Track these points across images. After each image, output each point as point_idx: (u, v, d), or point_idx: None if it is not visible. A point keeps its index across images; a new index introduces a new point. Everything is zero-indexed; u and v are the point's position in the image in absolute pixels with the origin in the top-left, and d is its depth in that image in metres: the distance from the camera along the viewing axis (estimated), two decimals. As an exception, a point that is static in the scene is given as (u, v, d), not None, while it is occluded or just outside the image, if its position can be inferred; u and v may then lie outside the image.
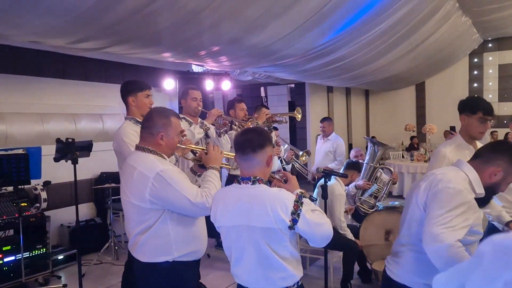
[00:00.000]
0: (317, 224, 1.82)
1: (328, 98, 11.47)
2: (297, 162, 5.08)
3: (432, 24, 7.22)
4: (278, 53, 5.75)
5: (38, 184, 4.30)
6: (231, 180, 2.66)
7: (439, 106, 12.69)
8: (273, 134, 4.33)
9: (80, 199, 5.51)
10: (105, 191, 5.30)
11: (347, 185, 4.55)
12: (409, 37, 7.14)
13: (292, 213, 1.78)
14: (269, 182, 2.00)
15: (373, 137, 12.27)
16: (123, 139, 2.88)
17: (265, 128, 3.98)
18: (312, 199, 1.93)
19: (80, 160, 3.70)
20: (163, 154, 2.22)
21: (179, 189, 2.08)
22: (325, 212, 2.95)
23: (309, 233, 1.82)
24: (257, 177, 1.88)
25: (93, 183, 5.71)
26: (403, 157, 9.55)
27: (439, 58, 10.16)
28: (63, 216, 5.25)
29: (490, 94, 12.10)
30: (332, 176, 4.48)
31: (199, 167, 2.50)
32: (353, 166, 4.47)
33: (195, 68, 6.85)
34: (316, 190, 4.45)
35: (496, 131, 10.17)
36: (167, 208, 2.12)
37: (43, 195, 4.23)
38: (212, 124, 3.73)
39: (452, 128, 5.38)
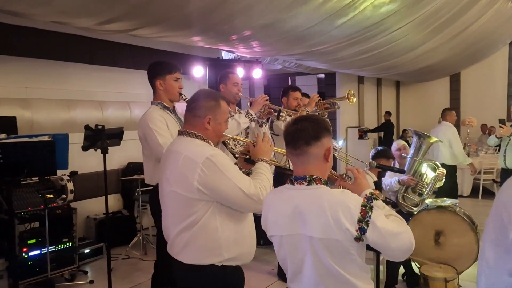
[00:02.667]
0: (392, 234, 1.48)
1: (358, 89, 11.04)
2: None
3: (478, 9, 6.73)
4: (313, 39, 5.44)
5: (64, 175, 4.10)
6: (280, 176, 2.31)
7: (475, 98, 12.10)
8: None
9: (107, 190, 5.36)
10: (132, 182, 5.08)
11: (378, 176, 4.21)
12: (452, 23, 6.68)
13: (359, 221, 1.45)
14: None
15: (404, 130, 11.84)
16: (149, 125, 2.65)
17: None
18: (388, 202, 1.58)
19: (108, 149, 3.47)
20: (209, 141, 1.94)
21: (231, 177, 1.80)
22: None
23: (382, 245, 1.49)
24: (314, 176, 1.56)
25: (120, 174, 5.52)
26: (439, 151, 9.06)
27: (478, 48, 9.61)
28: (89, 208, 5.09)
29: (531, 86, 11.46)
30: (363, 169, 4.16)
31: (245, 162, 2.18)
32: (381, 154, 4.10)
33: (225, 55, 6.57)
34: None
35: None
36: (217, 200, 1.83)
37: (70, 186, 4.03)
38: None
39: (502, 121, 4.95)
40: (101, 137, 3.28)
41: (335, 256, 1.50)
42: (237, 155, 2.29)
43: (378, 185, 2.68)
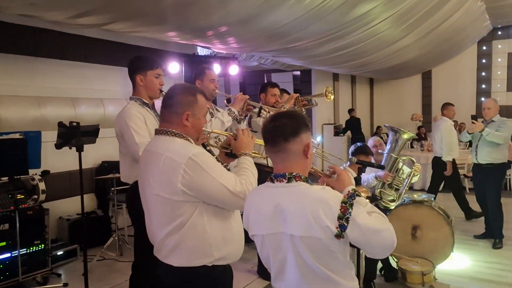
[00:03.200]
0: (373, 231, 1.44)
1: (334, 87, 11.14)
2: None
3: (449, 7, 6.89)
4: (290, 35, 5.43)
5: (35, 174, 3.94)
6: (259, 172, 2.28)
7: (445, 95, 12.36)
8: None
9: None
10: (107, 181, 4.95)
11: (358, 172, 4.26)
12: (425, 21, 6.82)
13: (339, 218, 1.42)
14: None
15: (378, 127, 12.04)
16: (127, 122, 2.56)
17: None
18: (376, 198, 1.57)
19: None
20: (189, 138, 1.86)
21: (216, 176, 1.74)
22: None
23: (363, 242, 1.45)
24: (294, 173, 1.52)
25: (94, 173, 5.36)
26: (412, 147, 9.26)
27: (449, 46, 9.84)
28: (62, 208, 4.92)
29: (498, 83, 11.84)
30: (343, 166, 4.20)
31: (226, 156, 2.12)
32: (360, 150, 4.15)
33: (201, 51, 6.48)
34: None
35: None
36: (202, 200, 1.77)
37: (42, 186, 3.86)
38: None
39: (474, 117, 5.06)
40: (76, 135, 3.15)
41: (316, 254, 1.47)
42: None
43: (358, 181, 2.69)
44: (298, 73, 10.36)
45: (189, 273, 1.79)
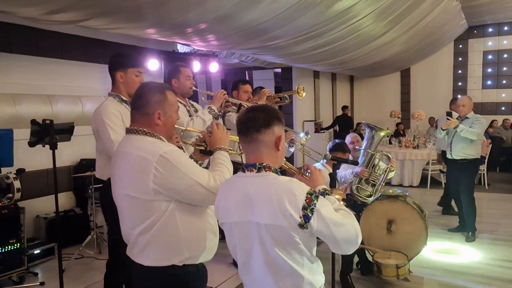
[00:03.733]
0: (337, 224, 1.47)
1: (314, 84, 11.23)
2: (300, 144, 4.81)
3: (426, 6, 7.04)
4: (269, 33, 5.46)
5: (10, 172, 3.88)
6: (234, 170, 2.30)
7: (423, 93, 12.67)
8: None
9: (59, 188, 5.11)
10: (85, 179, 4.90)
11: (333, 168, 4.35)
12: (403, 19, 6.96)
13: (304, 208, 1.45)
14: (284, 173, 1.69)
15: (358, 123, 12.18)
16: (103, 119, 2.54)
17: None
18: (350, 200, 1.61)
19: (58, 145, 3.31)
20: (161, 136, 1.84)
21: (188, 173, 1.72)
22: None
23: (327, 234, 1.47)
24: (264, 164, 1.56)
25: (72, 171, 5.30)
26: (390, 143, 9.42)
27: (427, 44, 10.05)
28: (39, 207, 4.85)
29: (474, 81, 12.12)
30: (320, 162, 4.28)
31: (201, 153, 2.10)
32: (338, 147, 4.23)
33: (181, 48, 6.45)
34: None
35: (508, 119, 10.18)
36: (175, 198, 1.75)
37: (17, 184, 3.81)
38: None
39: (449, 114, 5.18)
40: (49, 133, 3.11)
41: (280, 244, 1.50)
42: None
43: (333, 177, 2.74)
44: (279, 70, 10.41)
45: (159, 272, 1.78)
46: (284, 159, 1.75)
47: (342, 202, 1.65)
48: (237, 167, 2.23)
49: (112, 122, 2.56)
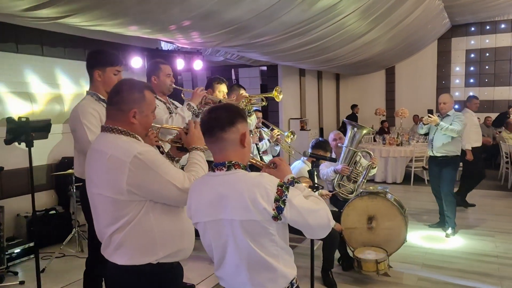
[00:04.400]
0: (310, 211, 1.53)
1: (300, 82, 11.28)
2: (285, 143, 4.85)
3: (409, 5, 7.11)
4: (253, 30, 5.47)
5: (-12, 171, 3.84)
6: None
7: (408, 90, 12.81)
8: (253, 117, 4.06)
9: (40, 187, 5.09)
10: (67, 177, 4.86)
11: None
12: (387, 17, 7.02)
13: (276, 200, 1.49)
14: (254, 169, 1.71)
15: (344, 121, 12.27)
16: (80, 119, 2.53)
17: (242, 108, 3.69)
18: (317, 187, 1.65)
19: (38, 143, 3.28)
20: (136, 135, 1.83)
21: (163, 174, 1.72)
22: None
23: (301, 222, 1.53)
24: (233, 162, 1.59)
25: (53, 169, 5.25)
26: (374, 140, 9.52)
27: (411, 42, 10.15)
28: (19, 206, 4.79)
29: (457, 79, 12.29)
30: (301, 159, 4.33)
31: (178, 150, 2.10)
32: (320, 145, 4.28)
33: (165, 46, 6.42)
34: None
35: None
36: (150, 198, 1.75)
37: (-5, 182, 3.77)
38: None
39: (430, 111, 5.26)
40: (25, 130, 3.07)
41: (255, 238, 1.53)
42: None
43: (311, 174, 2.78)
44: (265, 68, 10.42)
45: (134, 271, 1.78)
46: (251, 155, 1.77)
47: (310, 189, 1.68)
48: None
49: (90, 123, 2.55)
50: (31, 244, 4.42)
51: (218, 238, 1.60)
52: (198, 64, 6.38)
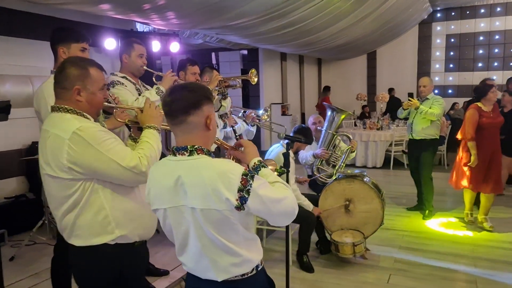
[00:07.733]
0: (274, 201, 1.46)
1: (281, 66, 11.17)
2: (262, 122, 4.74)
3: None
4: (231, 11, 5.33)
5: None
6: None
7: (389, 75, 12.84)
8: (228, 99, 3.95)
9: (9, 172, 4.91)
10: (37, 162, 4.68)
11: (295, 151, 4.33)
12: (365, 1, 6.94)
13: (240, 190, 1.41)
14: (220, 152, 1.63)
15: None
16: (45, 98, 2.41)
17: (215, 90, 3.57)
18: (284, 171, 1.58)
19: (7, 128, 3.12)
20: (85, 114, 1.78)
21: (103, 151, 1.67)
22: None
23: (264, 211, 1.47)
24: (196, 146, 1.49)
25: (23, 154, 5.07)
26: (355, 125, 9.52)
27: (392, 26, 10.12)
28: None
29: (438, 64, 12.35)
30: (280, 143, 4.26)
31: (139, 130, 2.03)
32: (301, 131, 4.21)
33: (140, 27, 6.23)
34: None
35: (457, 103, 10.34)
36: (93, 176, 1.71)
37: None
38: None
39: (410, 95, 5.26)
40: (-21, 112, 2.91)
41: (217, 227, 1.46)
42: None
43: (286, 156, 2.72)
44: (246, 52, 10.27)
45: (91, 252, 1.75)
46: (216, 136, 1.69)
47: (276, 173, 1.61)
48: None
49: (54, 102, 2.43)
50: (1, 231, 4.27)
51: (179, 225, 1.53)
52: (175, 47, 6.21)
